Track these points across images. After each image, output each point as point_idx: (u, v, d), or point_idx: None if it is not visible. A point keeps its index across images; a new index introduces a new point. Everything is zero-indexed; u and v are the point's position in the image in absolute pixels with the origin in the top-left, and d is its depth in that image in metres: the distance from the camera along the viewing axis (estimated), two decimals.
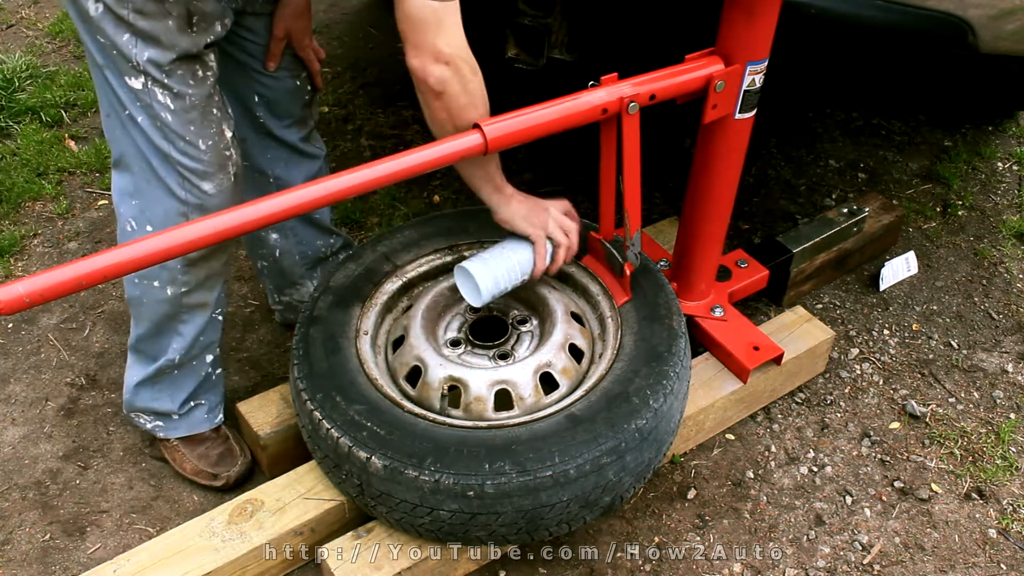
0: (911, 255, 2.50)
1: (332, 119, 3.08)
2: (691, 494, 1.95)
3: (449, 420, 1.64)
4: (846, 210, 2.38)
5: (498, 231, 1.95)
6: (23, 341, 2.32)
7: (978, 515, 1.93)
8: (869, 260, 2.52)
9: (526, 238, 1.76)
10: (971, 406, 2.16)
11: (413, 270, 1.94)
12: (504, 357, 1.80)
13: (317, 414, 1.64)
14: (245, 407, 1.94)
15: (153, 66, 1.52)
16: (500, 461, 1.54)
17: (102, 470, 2.02)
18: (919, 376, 2.23)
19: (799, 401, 2.16)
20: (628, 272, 1.80)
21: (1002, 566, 1.84)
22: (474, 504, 1.54)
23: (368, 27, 3.57)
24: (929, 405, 2.15)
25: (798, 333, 2.12)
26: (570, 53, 2.35)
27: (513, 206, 1.74)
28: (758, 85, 1.74)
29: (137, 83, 1.53)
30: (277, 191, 1.42)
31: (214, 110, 1.62)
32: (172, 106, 1.56)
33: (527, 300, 1.91)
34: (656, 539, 1.87)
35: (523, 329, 1.86)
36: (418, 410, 1.65)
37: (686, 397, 1.80)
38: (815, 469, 2.01)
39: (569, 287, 1.95)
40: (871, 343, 2.31)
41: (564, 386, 1.73)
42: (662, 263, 2.20)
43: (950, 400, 2.17)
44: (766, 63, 1.72)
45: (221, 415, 2.00)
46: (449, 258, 1.96)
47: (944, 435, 2.08)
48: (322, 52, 1.90)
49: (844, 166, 2.87)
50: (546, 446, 1.56)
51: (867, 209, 2.39)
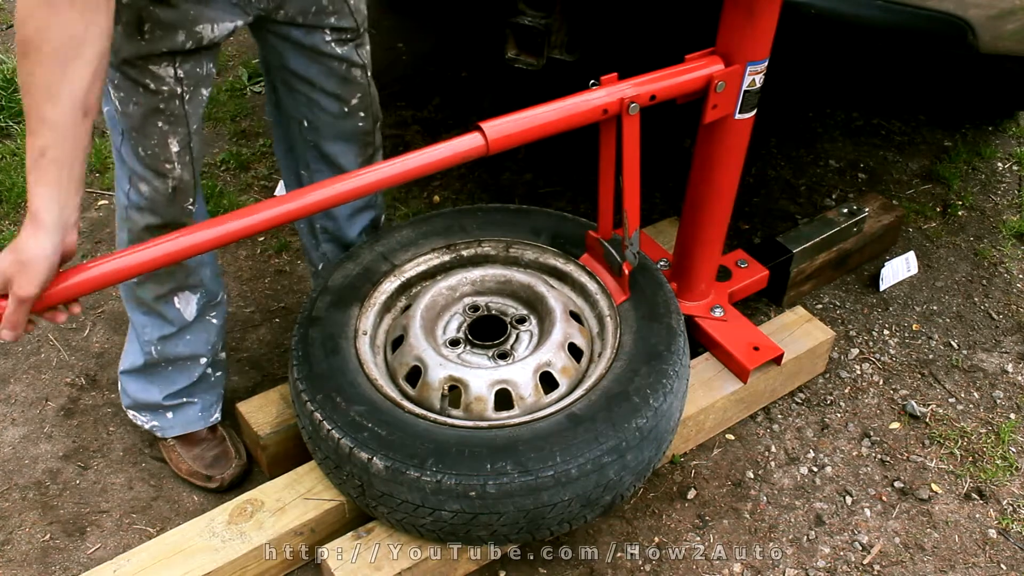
0: (911, 255, 2.50)
1: None
2: (691, 494, 1.95)
3: (450, 420, 1.64)
4: (846, 210, 2.38)
5: (497, 229, 1.96)
6: (23, 341, 2.31)
7: (978, 515, 1.93)
8: (869, 260, 2.52)
9: None
10: (971, 406, 2.16)
11: (411, 269, 1.94)
12: (503, 356, 1.80)
13: (317, 415, 1.63)
14: (245, 407, 1.94)
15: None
16: (502, 461, 1.54)
17: (102, 470, 2.02)
18: (919, 376, 2.23)
19: (799, 401, 2.16)
20: (627, 271, 1.80)
21: (1002, 566, 1.84)
22: (476, 504, 1.54)
23: (368, 27, 3.56)
24: (929, 405, 2.15)
25: (798, 333, 2.12)
26: (570, 53, 2.35)
27: None
28: (758, 85, 1.74)
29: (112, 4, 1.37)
30: None
31: (159, 123, 1.54)
32: (119, 106, 1.54)
33: (526, 299, 1.91)
34: (656, 539, 1.87)
35: (522, 328, 1.86)
36: (419, 410, 1.65)
37: (685, 396, 1.80)
38: (815, 469, 2.01)
39: (567, 286, 1.95)
40: (871, 343, 2.31)
41: (564, 385, 1.73)
42: (662, 263, 2.21)
43: (950, 400, 2.17)
44: (766, 63, 1.72)
45: (217, 415, 2.00)
46: (447, 257, 1.96)
47: (944, 435, 2.08)
48: None
49: (844, 166, 2.87)
50: (548, 446, 1.56)
51: (867, 209, 2.39)
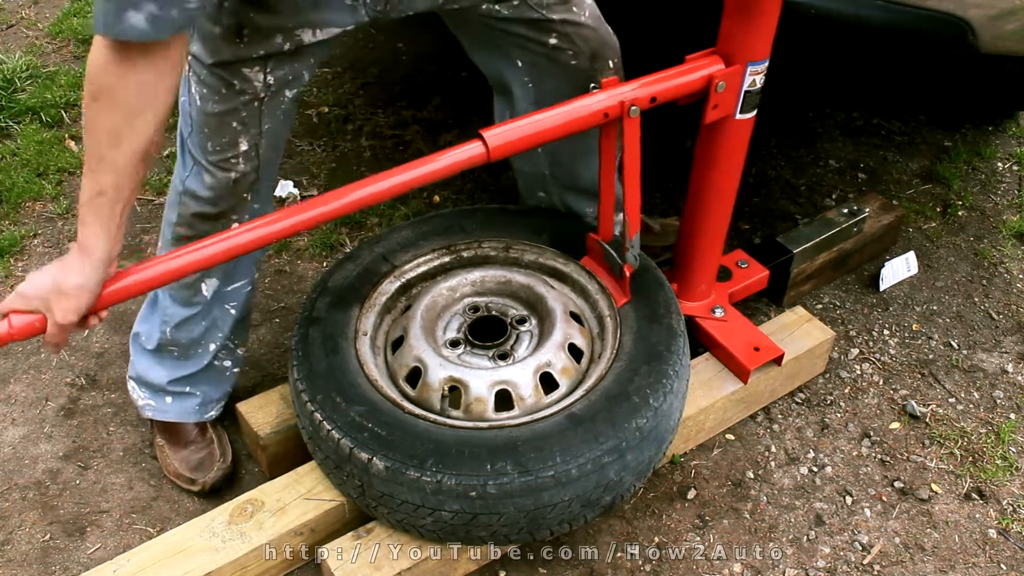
0: (911, 255, 2.50)
1: (332, 119, 3.08)
2: (691, 494, 1.95)
3: (450, 421, 1.64)
4: (846, 210, 2.38)
5: (497, 230, 1.96)
6: (23, 341, 2.31)
7: (978, 515, 1.93)
8: (869, 260, 2.52)
9: None
10: (971, 406, 2.16)
11: (411, 270, 1.94)
12: (504, 357, 1.80)
13: (318, 415, 1.64)
14: (245, 407, 1.94)
15: (194, 59, 1.54)
16: (502, 461, 1.54)
17: (102, 470, 2.02)
18: (919, 376, 2.23)
19: (799, 401, 2.16)
20: (627, 274, 1.80)
21: (1002, 566, 1.84)
22: (476, 504, 1.54)
23: (368, 27, 3.56)
24: (929, 405, 2.15)
25: (798, 333, 2.12)
26: None
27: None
28: (759, 86, 1.74)
29: (185, 64, 1.48)
30: None
31: (234, 123, 1.59)
32: (198, 102, 1.58)
33: (526, 300, 1.91)
34: (656, 539, 1.87)
35: (522, 329, 1.86)
36: (419, 411, 1.65)
37: (685, 396, 1.80)
38: (815, 469, 2.01)
39: (568, 286, 1.95)
40: (871, 343, 2.31)
41: (564, 386, 1.73)
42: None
43: (950, 400, 2.17)
44: (767, 64, 1.72)
45: (213, 413, 1.99)
46: (447, 258, 1.96)
47: (944, 435, 2.08)
48: None
49: (844, 166, 2.87)
50: (548, 446, 1.56)
51: (867, 209, 2.39)
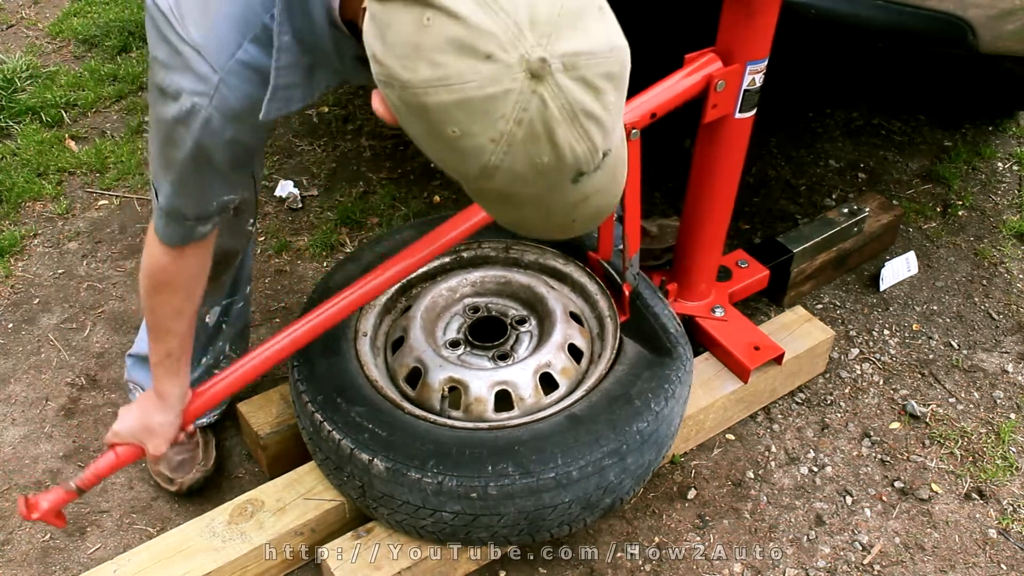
0: (911, 255, 2.50)
1: (332, 119, 3.08)
2: (691, 494, 1.95)
3: (450, 421, 1.64)
4: (846, 210, 2.38)
5: (497, 232, 1.96)
6: (23, 341, 2.32)
7: (978, 515, 1.93)
8: (869, 260, 2.52)
9: None
10: (971, 406, 2.16)
11: None
12: (504, 358, 1.80)
13: (318, 416, 1.64)
14: (245, 407, 1.94)
15: None
16: (503, 463, 1.54)
17: None
18: (919, 376, 2.23)
19: (799, 401, 2.16)
20: (627, 292, 1.80)
21: (1002, 566, 1.84)
22: (477, 505, 1.54)
23: None
24: (929, 405, 2.15)
25: (798, 333, 2.12)
26: None
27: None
28: (758, 85, 1.74)
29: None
30: None
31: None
32: None
33: (526, 300, 1.91)
34: (656, 539, 1.87)
35: (522, 329, 1.86)
36: (419, 412, 1.65)
37: (687, 401, 1.80)
38: (815, 469, 2.01)
39: (567, 286, 1.95)
40: (871, 343, 2.31)
41: (564, 386, 1.73)
42: None
43: (950, 400, 2.17)
44: (766, 63, 1.71)
45: (205, 420, 2.00)
46: (447, 259, 1.96)
47: (944, 435, 2.08)
48: None
49: (844, 166, 2.87)
50: (549, 447, 1.56)
51: (867, 209, 2.39)
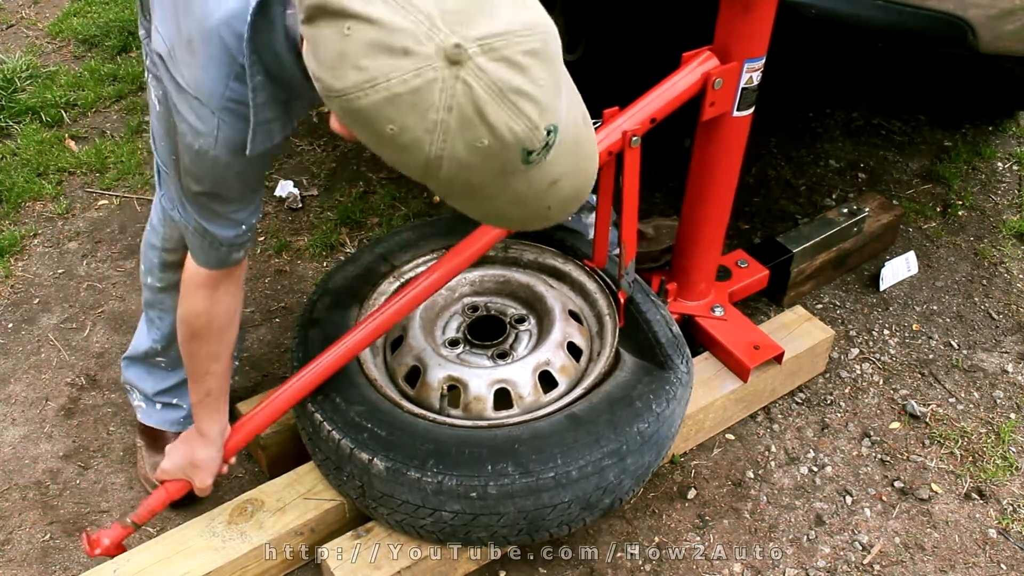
0: (911, 255, 2.50)
1: None
2: (691, 494, 1.95)
3: (449, 420, 1.64)
4: (846, 210, 2.38)
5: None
6: (23, 341, 2.32)
7: (978, 515, 1.93)
8: (869, 259, 2.52)
9: None
10: (971, 406, 2.16)
11: (411, 271, 1.94)
12: (503, 356, 1.80)
13: (317, 416, 1.64)
14: (245, 407, 1.94)
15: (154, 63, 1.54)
16: (502, 462, 1.54)
17: (102, 470, 2.02)
18: (919, 376, 2.23)
19: (799, 401, 2.16)
20: (622, 300, 1.80)
21: (1002, 566, 1.84)
22: (476, 505, 1.54)
23: None
24: (929, 405, 2.15)
25: (798, 333, 2.12)
26: (571, 52, 2.35)
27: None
28: (755, 83, 1.74)
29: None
30: None
31: None
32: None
33: (525, 299, 1.91)
34: (656, 539, 1.87)
35: (521, 328, 1.86)
36: (418, 410, 1.65)
37: (687, 402, 1.80)
38: (815, 469, 2.01)
39: (566, 285, 1.95)
40: (871, 343, 2.31)
41: (563, 384, 1.73)
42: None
43: (950, 400, 2.17)
44: (763, 61, 1.72)
45: None
46: None
47: (944, 435, 2.08)
48: None
49: (844, 166, 2.87)
50: (548, 447, 1.56)
51: (867, 209, 2.39)
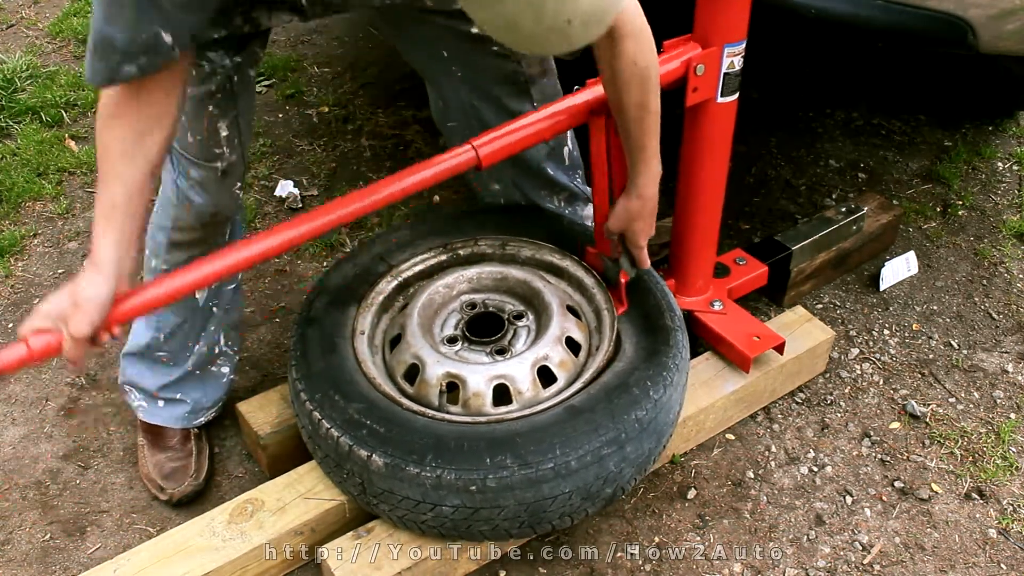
0: (911, 255, 2.50)
1: (332, 119, 3.08)
2: (691, 494, 1.95)
3: (448, 416, 1.64)
4: (844, 209, 2.38)
5: (493, 229, 1.96)
6: None
7: (978, 515, 1.93)
8: (868, 259, 2.52)
9: None
10: (971, 406, 2.16)
11: (408, 269, 1.94)
12: (501, 352, 1.80)
13: (316, 414, 1.64)
14: (245, 407, 1.94)
15: None
16: (501, 455, 1.54)
17: (102, 470, 2.02)
18: (919, 376, 2.23)
19: (799, 401, 2.16)
20: (623, 281, 1.80)
21: (1002, 566, 1.84)
22: (476, 499, 1.54)
23: (368, 27, 3.57)
24: (929, 405, 2.15)
25: (798, 333, 2.12)
26: (570, 53, 2.33)
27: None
28: (737, 68, 1.77)
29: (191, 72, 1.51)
30: None
31: (210, 107, 1.59)
32: None
33: (522, 295, 1.91)
34: (656, 539, 1.87)
35: (519, 324, 1.86)
36: (417, 407, 1.65)
37: (685, 389, 1.81)
38: (815, 469, 2.01)
39: (564, 281, 1.95)
40: (871, 343, 2.31)
41: (562, 379, 1.73)
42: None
43: (950, 400, 2.17)
44: (744, 45, 1.74)
45: (202, 419, 1.99)
46: (444, 257, 1.96)
47: (944, 435, 2.08)
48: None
49: (844, 166, 2.87)
50: (547, 438, 1.56)
51: (865, 207, 2.39)
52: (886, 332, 2.34)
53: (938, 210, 2.73)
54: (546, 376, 1.73)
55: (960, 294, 2.46)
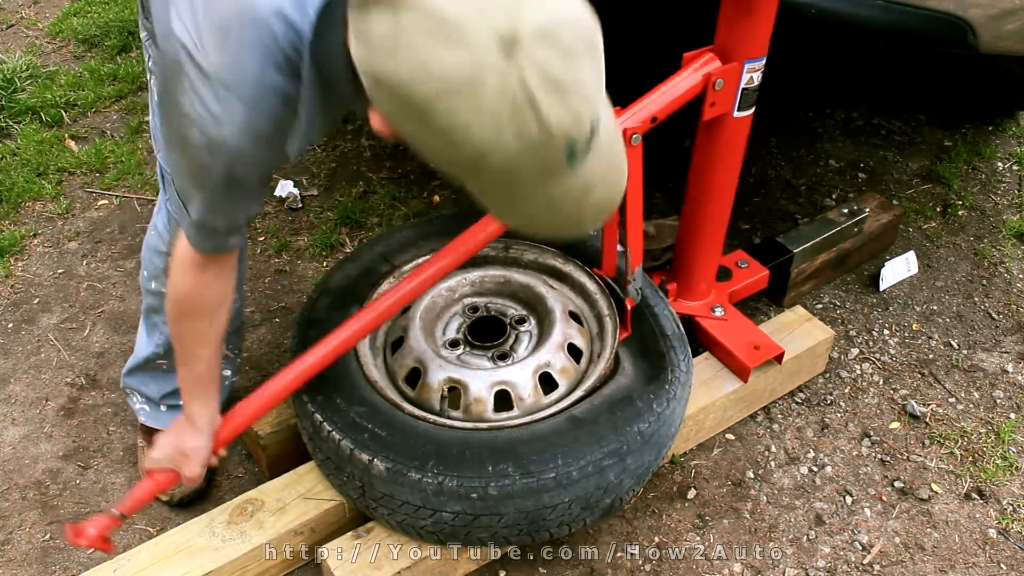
0: (911, 255, 2.50)
1: None
2: (691, 494, 1.95)
3: (450, 421, 1.64)
4: (846, 210, 2.38)
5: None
6: (23, 341, 2.32)
7: (978, 515, 1.93)
8: (869, 260, 2.52)
9: None
10: (971, 406, 2.16)
11: (411, 270, 1.93)
12: (503, 357, 1.79)
13: (318, 416, 1.64)
14: None
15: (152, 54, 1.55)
16: (503, 463, 1.54)
17: (102, 470, 2.02)
18: (919, 376, 2.23)
19: (799, 401, 2.16)
20: (629, 307, 1.80)
21: (1002, 566, 1.84)
22: (477, 506, 1.54)
23: None
24: (929, 405, 2.15)
25: (798, 333, 2.12)
26: None
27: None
28: (756, 83, 1.74)
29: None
30: None
31: None
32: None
33: (525, 300, 1.91)
34: (656, 539, 1.87)
35: (521, 329, 1.86)
36: (418, 412, 1.65)
37: (687, 402, 1.80)
38: (815, 469, 2.01)
39: (567, 286, 1.94)
40: (871, 343, 2.31)
41: (563, 386, 1.73)
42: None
43: (950, 400, 2.17)
44: (763, 61, 1.72)
45: None
46: None
47: (944, 435, 2.08)
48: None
49: (844, 166, 2.87)
50: (549, 447, 1.56)
51: (867, 209, 2.39)
52: (886, 332, 2.34)
53: (938, 210, 2.73)
54: (547, 382, 1.73)
55: (960, 294, 2.46)
